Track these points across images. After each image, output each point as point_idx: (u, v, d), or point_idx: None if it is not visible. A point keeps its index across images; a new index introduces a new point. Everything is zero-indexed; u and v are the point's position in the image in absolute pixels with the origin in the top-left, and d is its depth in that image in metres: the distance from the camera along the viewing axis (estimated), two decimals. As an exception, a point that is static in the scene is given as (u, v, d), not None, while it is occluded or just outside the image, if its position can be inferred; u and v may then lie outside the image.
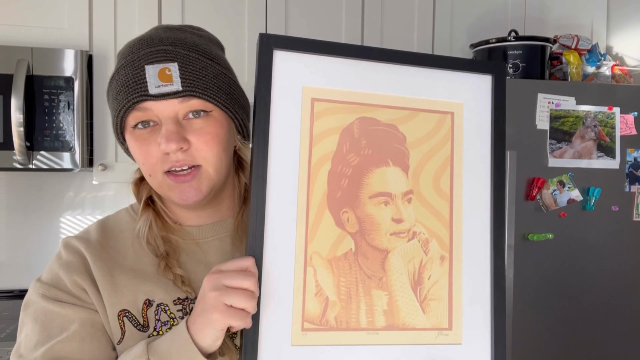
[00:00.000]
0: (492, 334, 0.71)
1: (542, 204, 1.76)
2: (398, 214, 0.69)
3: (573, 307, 1.80)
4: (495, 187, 0.73)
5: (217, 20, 1.96)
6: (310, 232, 0.67)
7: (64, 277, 0.73)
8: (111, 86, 0.72)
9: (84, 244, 0.75)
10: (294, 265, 0.66)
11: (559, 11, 2.27)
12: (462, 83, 0.73)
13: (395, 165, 0.70)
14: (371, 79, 0.70)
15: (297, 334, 0.65)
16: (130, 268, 0.74)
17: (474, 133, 0.73)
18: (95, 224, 0.80)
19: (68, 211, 2.17)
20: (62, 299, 0.72)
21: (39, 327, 0.70)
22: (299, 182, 0.67)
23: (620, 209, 1.82)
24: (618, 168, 1.82)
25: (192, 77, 0.68)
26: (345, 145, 0.69)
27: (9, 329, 1.72)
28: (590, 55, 2.00)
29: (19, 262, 2.14)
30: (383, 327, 0.68)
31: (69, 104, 1.76)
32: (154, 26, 0.77)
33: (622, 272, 1.84)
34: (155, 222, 0.76)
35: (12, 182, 2.13)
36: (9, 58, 1.70)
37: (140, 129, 0.70)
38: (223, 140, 0.71)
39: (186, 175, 0.69)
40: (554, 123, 1.76)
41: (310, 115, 0.68)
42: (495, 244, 0.72)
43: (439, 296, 0.70)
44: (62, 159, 1.77)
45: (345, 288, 0.67)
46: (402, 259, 0.69)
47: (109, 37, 1.87)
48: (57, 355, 0.68)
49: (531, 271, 1.76)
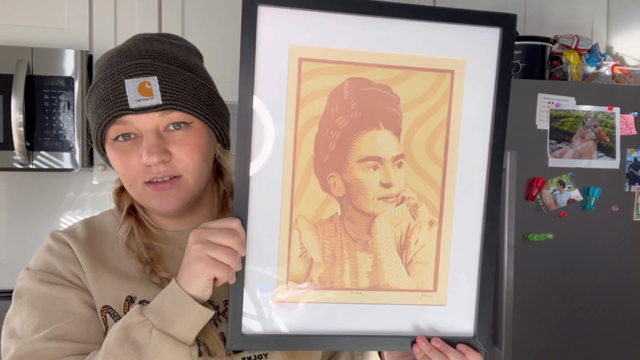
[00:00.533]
0: (477, 297, 0.71)
1: (542, 204, 1.76)
2: (387, 178, 0.68)
3: (573, 307, 1.80)
4: (493, 150, 0.69)
5: (217, 20, 1.96)
6: (296, 196, 0.67)
7: (58, 265, 0.73)
8: (90, 98, 0.72)
9: (71, 238, 0.76)
10: (279, 227, 0.67)
11: (559, 11, 2.27)
12: (465, 37, 0.68)
13: (387, 128, 0.68)
14: (364, 35, 0.66)
15: (282, 291, 0.68)
16: (113, 268, 0.75)
17: (475, 93, 0.69)
18: (80, 223, 0.80)
19: (68, 211, 2.18)
20: (60, 283, 0.72)
21: (37, 312, 0.70)
22: (284, 146, 0.66)
23: (620, 209, 1.82)
24: (618, 168, 1.82)
25: (172, 90, 0.69)
26: (334, 107, 0.67)
27: (9, 329, 1.71)
28: (590, 55, 2.00)
29: (19, 262, 2.13)
30: (367, 287, 0.69)
31: (69, 104, 1.76)
32: (132, 36, 0.77)
33: (622, 272, 1.83)
34: (137, 229, 0.77)
35: (12, 182, 2.13)
36: (9, 58, 1.70)
37: (120, 141, 0.70)
38: (204, 151, 0.72)
39: (165, 183, 0.70)
40: (554, 123, 1.76)
41: (297, 77, 0.66)
42: (488, 207, 0.70)
43: (425, 260, 0.70)
44: (62, 159, 1.77)
45: (330, 250, 0.68)
46: (389, 223, 0.69)
47: (109, 37, 1.87)
48: (63, 335, 0.68)
49: (531, 271, 1.76)
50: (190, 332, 0.65)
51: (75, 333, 0.69)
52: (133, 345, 0.63)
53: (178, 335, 0.63)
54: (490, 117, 0.69)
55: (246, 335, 0.67)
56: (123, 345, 0.63)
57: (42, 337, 0.68)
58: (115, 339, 0.64)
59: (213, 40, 1.95)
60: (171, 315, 0.63)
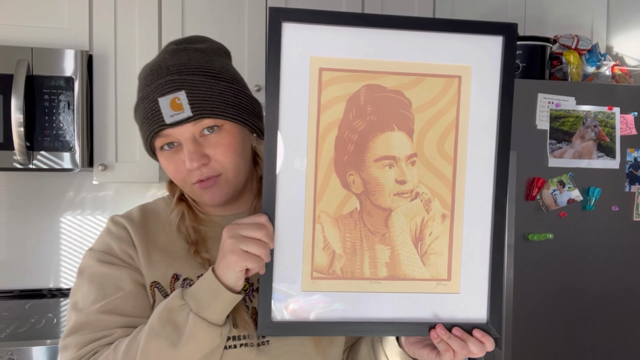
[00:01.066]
0: (489, 286, 0.77)
1: (542, 204, 1.76)
2: (402, 175, 0.75)
3: (573, 307, 1.80)
4: (500, 148, 0.75)
5: (216, 19, 1.97)
6: (319, 193, 0.74)
7: (114, 246, 0.85)
8: (136, 115, 0.84)
9: (128, 221, 0.87)
10: (304, 222, 0.74)
11: (559, 11, 2.27)
12: (470, 45, 0.75)
13: (400, 129, 0.74)
14: (377, 46, 0.74)
15: (307, 281, 0.74)
16: (163, 248, 0.85)
17: (481, 96, 0.76)
18: (136, 208, 0.92)
19: (68, 211, 2.18)
20: (115, 263, 0.83)
21: (95, 287, 0.82)
22: (307, 148, 0.73)
23: (620, 209, 1.83)
24: (618, 168, 1.82)
25: (199, 101, 0.78)
26: (352, 112, 0.74)
27: (9, 329, 1.72)
28: (590, 55, 2.00)
29: (19, 262, 2.14)
30: (385, 277, 0.75)
31: (69, 104, 1.77)
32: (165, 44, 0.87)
33: (622, 272, 1.84)
34: (187, 214, 0.88)
35: (12, 182, 2.13)
36: (9, 58, 1.71)
37: (166, 150, 0.82)
38: (237, 148, 0.81)
39: (209, 181, 0.81)
40: (554, 123, 1.76)
41: (318, 84, 0.73)
42: (497, 201, 0.76)
43: (439, 251, 0.76)
44: (62, 159, 1.77)
45: (351, 243, 0.75)
46: (405, 217, 0.75)
47: (109, 37, 1.88)
48: (114, 309, 0.80)
49: (531, 271, 1.76)
50: (221, 315, 0.74)
51: (124, 307, 0.80)
52: (173, 326, 0.72)
53: (211, 318, 0.72)
54: (496, 117, 0.76)
55: (275, 322, 0.74)
56: (165, 325, 0.73)
57: (97, 310, 0.79)
58: (158, 319, 0.74)
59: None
60: (206, 301, 0.72)
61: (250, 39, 1.96)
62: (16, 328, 1.71)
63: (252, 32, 1.97)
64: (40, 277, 2.15)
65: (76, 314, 0.81)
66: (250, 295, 0.84)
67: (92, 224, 2.20)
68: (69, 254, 2.18)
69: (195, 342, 0.72)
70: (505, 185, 0.76)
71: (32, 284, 2.13)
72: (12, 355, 1.57)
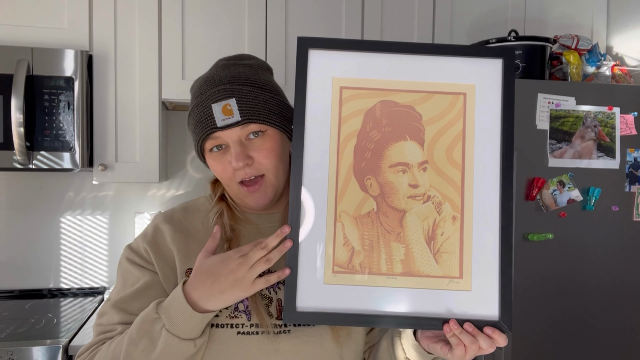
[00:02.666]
0: (499, 283, 0.83)
1: (542, 204, 1.77)
2: (414, 180, 0.84)
3: (573, 307, 1.81)
4: (503, 157, 0.85)
5: (217, 20, 1.97)
6: (339, 195, 0.84)
7: (140, 244, 0.98)
8: (190, 120, 0.96)
9: (168, 220, 1.00)
10: (326, 221, 0.84)
11: (559, 11, 2.28)
12: (473, 67, 0.87)
13: (412, 139, 0.85)
14: (391, 67, 0.87)
15: (329, 275, 0.83)
16: (201, 240, 0.96)
17: (484, 110, 0.86)
18: (179, 205, 1.05)
19: (68, 211, 2.19)
20: (137, 262, 0.96)
21: (122, 280, 0.96)
22: (329, 155, 0.85)
23: (620, 209, 1.84)
24: (618, 168, 1.83)
25: (247, 108, 0.89)
26: (369, 124, 0.85)
27: (9, 329, 1.72)
28: (590, 55, 2.01)
29: (19, 262, 2.15)
30: (400, 273, 0.83)
31: (69, 104, 1.77)
32: (216, 61, 0.99)
33: (622, 272, 1.85)
34: (226, 211, 0.98)
35: (12, 182, 2.14)
36: (9, 58, 1.73)
37: (215, 152, 0.93)
38: (278, 152, 0.93)
39: (254, 185, 0.92)
40: (554, 123, 1.77)
41: (339, 101, 0.86)
42: (503, 205, 0.84)
43: (451, 250, 0.84)
44: (62, 159, 1.78)
45: (368, 240, 0.84)
46: (418, 217, 0.84)
47: (109, 37, 1.88)
48: (123, 305, 0.93)
49: (531, 271, 1.77)
50: (194, 331, 0.84)
51: (131, 304, 0.93)
52: (149, 337, 0.83)
53: (183, 335, 0.82)
54: (499, 129, 0.86)
55: (299, 311, 0.82)
56: (143, 337, 0.83)
57: (113, 304, 0.94)
58: (137, 329, 0.85)
59: (212, 41, 1.96)
60: (177, 321, 0.82)
61: (250, 39, 1.97)
62: (16, 328, 1.73)
63: (251, 32, 1.97)
64: (40, 277, 2.18)
65: (105, 302, 0.97)
66: (276, 287, 0.94)
67: (92, 224, 2.21)
68: (69, 254, 2.20)
69: (168, 354, 0.83)
70: (511, 190, 0.84)
71: (32, 284, 2.17)
72: (12, 355, 1.57)
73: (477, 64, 0.87)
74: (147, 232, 0.99)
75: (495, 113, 0.86)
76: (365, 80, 0.86)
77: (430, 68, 0.86)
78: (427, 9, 2.17)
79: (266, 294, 0.93)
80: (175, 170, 2.29)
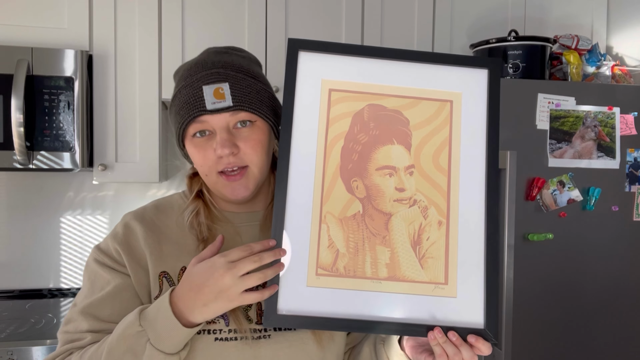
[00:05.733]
0: (485, 290, 0.83)
1: (542, 204, 1.77)
2: (401, 184, 0.84)
3: (573, 307, 1.81)
4: (489, 164, 0.86)
5: (217, 20, 1.97)
6: (325, 196, 0.83)
7: (110, 245, 0.92)
8: (174, 102, 0.91)
9: (139, 219, 0.94)
10: (311, 221, 0.82)
11: (559, 11, 2.28)
12: (460, 76, 0.88)
13: (399, 143, 0.85)
14: (380, 73, 0.87)
15: (312, 277, 0.81)
16: (175, 241, 0.92)
17: (470, 118, 0.87)
18: (151, 204, 0.99)
19: (68, 211, 2.19)
20: (106, 264, 0.90)
21: (89, 284, 0.90)
22: (316, 156, 0.84)
23: (620, 209, 1.84)
24: (618, 168, 1.83)
25: (240, 94, 0.86)
26: (357, 126, 0.85)
27: (9, 329, 1.72)
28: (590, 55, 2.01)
29: (19, 262, 2.15)
30: (385, 277, 0.82)
31: (69, 104, 1.77)
32: (205, 49, 0.95)
33: (622, 272, 1.85)
34: (203, 210, 0.93)
35: (12, 182, 2.14)
36: (9, 58, 1.73)
37: (198, 137, 0.88)
38: (265, 145, 0.89)
39: (236, 175, 0.87)
40: (554, 123, 1.77)
41: (327, 103, 0.86)
42: (489, 211, 0.84)
43: (436, 255, 0.83)
44: (62, 159, 1.78)
45: (353, 243, 0.83)
46: (404, 221, 0.83)
47: (109, 37, 1.88)
48: (93, 310, 0.87)
49: (531, 271, 1.77)
50: (178, 346, 0.80)
51: (101, 310, 0.87)
52: (132, 353, 0.78)
53: (168, 350, 0.78)
54: (484, 136, 0.86)
55: (280, 314, 0.80)
56: (125, 353, 0.78)
57: (80, 310, 0.88)
58: (117, 343, 0.79)
59: (212, 41, 1.95)
60: (163, 335, 0.78)
61: (250, 39, 1.97)
62: (16, 328, 1.73)
63: (252, 33, 1.97)
64: (40, 277, 2.18)
65: (72, 307, 0.91)
66: (254, 290, 0.90)
67: (92, 224, 2.21)
68: (69, 254, 2.20)
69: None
70: (497, 196, 0.85)
71: (32, 284, 2.17)
72: (12, 355, 1.58)
73: (464, 73, 0.87)
74: (118, 232, 0.93)
75: (481, 121, 0.87)
76: (354, 84, 0.86)
77: (419, 75, 0.87)
78: (427, 9, 2.16)
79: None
80: (175, 170, 2.28)
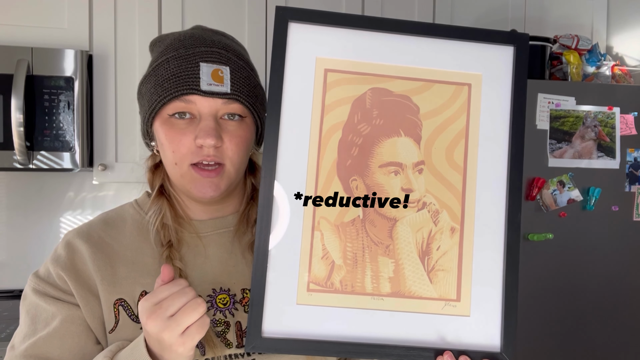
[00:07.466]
0: (503, 308, 0.69)
1: (542, 204, 1.76)
2: (408, 183, 0.70)
3: (573, 307, 1.80)
4: (512, 161, 0.71)
5: (217, 19, 1.96)
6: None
7: (52, 270, 0.76)
8: (154, 73, 0.75)
9: (84, 237, 0.78)
10: (302, 228, 0.68)
11: (559, 11, 2.27)
12: (480, 54, 0.72)
13: (407, 135, 0.70)
14: (385, 50, 0.71)
15: (303, 293, 0.68)
16: (130, 260, 0.77)
17: (492, 105, 0.72)
18: (97, 217, 0.82)
19: (68, 211, 2.18)
20: (49, 294, 0.74)
21: (29, 320, 0.74)
22: (309, 149, 0.69)
23: (620, 209, 1.83)
24: (618, 168, 1.82)
25: (239, 83, 0.74)
26: (357, 115, 0.70)
27: (9, 329, 1.72)
28: (590, 55, 2.00)
29: (19, 262, 2.14)
30: (388, 293, 0.69)
31: (69, 104, 1.77)
32: (192, 27, 0.82)
33: (622, 272, 1.84)
34: (168, 211, 0.79)
35: (12, 182, 2.13)
36: (9, 58, 1.71)
37: (176, 118, 0.73)
38: (248, 145, 0.77)
39: (211, 172, 0.74)
40: (554, 123, 1.76)
41: (322, 86, 0.70)
42: (510, 218, 0.70)
43: (448, 267, 0.70)
44: (62, 159, 1.77)
45: (352, 253, 0.69)
46: (411, 228, 0.70)
47: (109, 37, 1.87)
48: (38, 351, 0.71)
49: (531, 271, 1.76)
50: None
51: (49, 349, 0.71)
52: None
53: None
54: (507, 128, 0.71)
55: (265, 337, 0.67)
56: None
57: (21, 353, 0.71)
58: None
59: (213, 40, 1.95)
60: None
61: (251, 39, 1.96)
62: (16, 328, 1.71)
63: (252, 32, 1.96)
64: (40, 277, 2.15)
65: (9, 351, 0.74)
66: (231, 309, 0.76)
67: (92, 224, 2.20)
68: (69, 254, 2.18)
69: None
70: (519, 199, 0.71)
71: (32, 284, 2.13)
72: (12, 355, 1.56)
73: (485, 51, 0.72)
74: (60, 254, 0.76)
75: (505, 110, 0.72)
76: (354, 63, 0.71)
77: (431, 52, 0.71)
78: (427, 9, 2.14)
79: (221, 319, 0.75)
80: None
